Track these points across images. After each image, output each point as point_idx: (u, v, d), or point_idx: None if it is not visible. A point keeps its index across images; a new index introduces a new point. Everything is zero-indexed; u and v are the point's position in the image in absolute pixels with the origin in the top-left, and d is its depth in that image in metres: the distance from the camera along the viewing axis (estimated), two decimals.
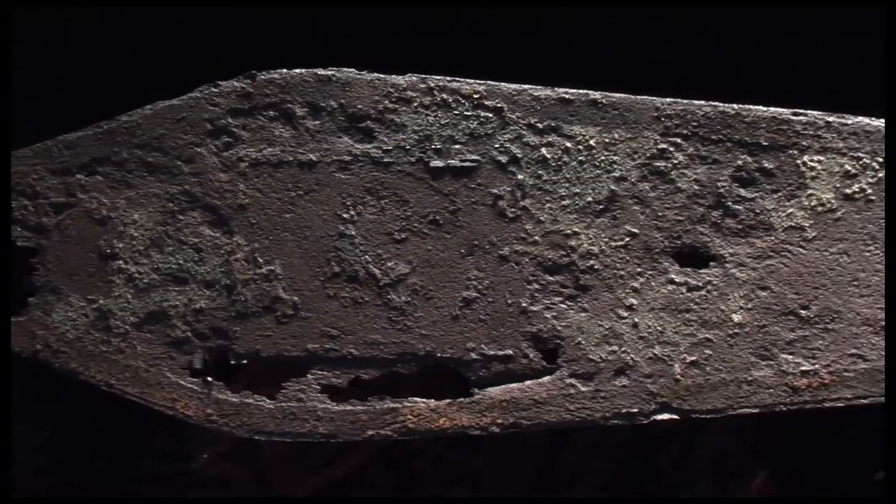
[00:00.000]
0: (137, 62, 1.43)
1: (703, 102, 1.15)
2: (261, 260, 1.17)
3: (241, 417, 1.18)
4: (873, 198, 1.14)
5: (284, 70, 1.17)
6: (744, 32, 1.54)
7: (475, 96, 1.16)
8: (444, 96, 1.16)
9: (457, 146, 1.16)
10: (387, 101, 1.16)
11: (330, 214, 1.17)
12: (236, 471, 1.62)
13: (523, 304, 1.16)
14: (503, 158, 1.16)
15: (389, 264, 1.17)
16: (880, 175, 1.14)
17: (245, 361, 1.17)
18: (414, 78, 1.16)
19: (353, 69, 1.17)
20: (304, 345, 1.17)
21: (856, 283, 1.14)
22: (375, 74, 1.17)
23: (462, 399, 1.17)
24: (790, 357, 1.14)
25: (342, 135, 1.17)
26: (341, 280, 1.17)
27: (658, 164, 1.15)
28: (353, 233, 1.17)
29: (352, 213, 1.17)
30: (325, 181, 1.17)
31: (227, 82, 1.17)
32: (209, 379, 1.17)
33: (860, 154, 1.14)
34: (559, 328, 1.16)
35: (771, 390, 1.14)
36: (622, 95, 1.16)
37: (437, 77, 1.17)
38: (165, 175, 1.17)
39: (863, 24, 1.43)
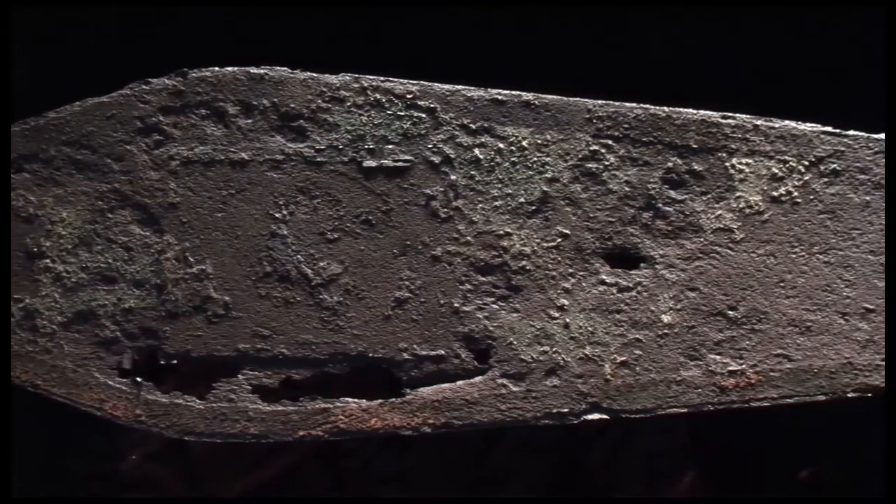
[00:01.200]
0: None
1: (634, 105, 1.20)
2: (192, 259, 1.20)
3: (171, 418, 1.21)
4: (799, 200, 1.20)
5: (216, 68, 1.21)
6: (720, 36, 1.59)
7: (408, 96, 1.20)
8: (378, 96, 1.20)
9: (390, 146, 1.20)
10: (320, 101, 1.20)
11: (262, 214, 1.20)
12: (165, 472, 1.65)
13: (455, 305, 1.20)
14: (436, 159, 1.20)
15: (321, 264, 1.21)
16: (806, 178, 1.19)
17: (175, 361, 1.21)
18: (347, 77, 1.20)
19: (285, 68, 1.21)
20: (235, 345, 1.20)
21: (782, 284, 1.19)
22: (308, 73, 1.20)
23: (394, 399, 1.21)
24: (718, 357, 1.19)
25: (275, 134, 1.20)
26: (273, 280, 1.20)
27: (589, 165, 1.19)
28: (286, 232, 1.20)
29: (284, 212, 1.20)
30: (257, 180, 1.20)
31: (158, 80, 1.20)
32: (138, 379, 1.20)
33: (787, 157, 1.19)
34: (491, 328, 1.20)
35: (699, 390, 1.20)
36: (554, 97, 1.21)
37: (371, 77, 1.21)
38: (94, 173, 1.20)
39: (862, 26, 1.48)
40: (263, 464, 1.69)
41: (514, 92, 1.21)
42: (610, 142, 1.20)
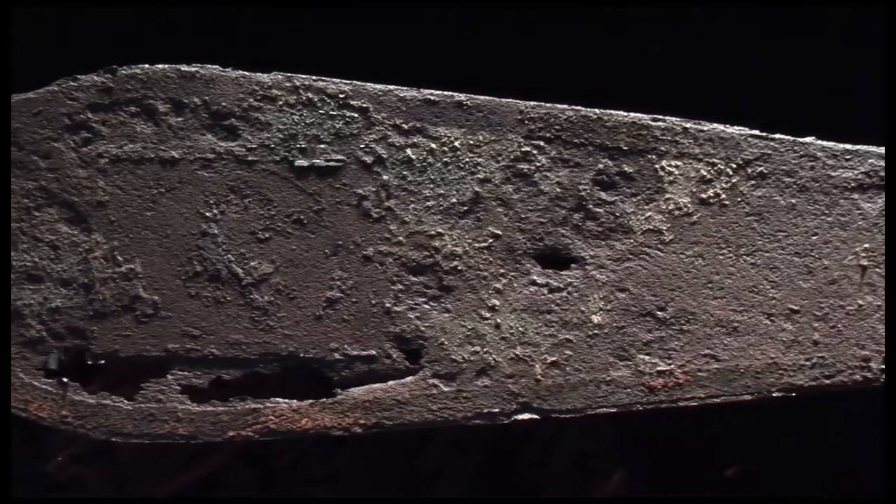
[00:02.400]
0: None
1: (565, 106, 1.25)
2: (120, 258, 1.23)
3: (98, 419, 1.24)
4: (727, 203, 1.25)
5: (146, 65, 1.23)
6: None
7: (341, 96, 1.24)
8: (310, 95, 1.24)
9: (322, 146, 1.23)
10: (251, 99, 1.24)
11: (192, 213, 1.24)
12: (92, 473, 1.68)
13: (387, 305, 1.24)
14: (368, 159, 1.24)
15: (252, 264, 1.24)
16: (734, 181, 1.25)
17: (102, 362, 1.23)
18: (279, 76, 1.24)
19: (217, 66, 1.24)
20: (165, 345, 1.23)
21: (710, 285, 1.25)
22: (240, 72, 1.24)
23: (325, 399, 1.25)
24: (647, 357, 1.25)
25: (205, 132, 1.24)
26: (203, 279, 1.24)
27: (521, 166, 1.24)
28: (216, 231, 1.24)
29: (215, 211, 1.24)
30: (187, 179, 1.23)
31: (87, 76, 1.23)
32: (64, 380, 1.23)
33: (715, 160, 1.25)
34: (422, 329, 1.24)
35: (628, 390, 1.25)
36: (487, 98, 1.25)
37: (303, 76, 1.25)
38: (21, 170, 1.22)
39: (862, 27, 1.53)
40: (193, 464, 1.72)
41: (446, 92, 1.26)
42: (542, 143, 1.25)
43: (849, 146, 1.28)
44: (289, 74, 1.26)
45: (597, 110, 1.27)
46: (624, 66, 1.61)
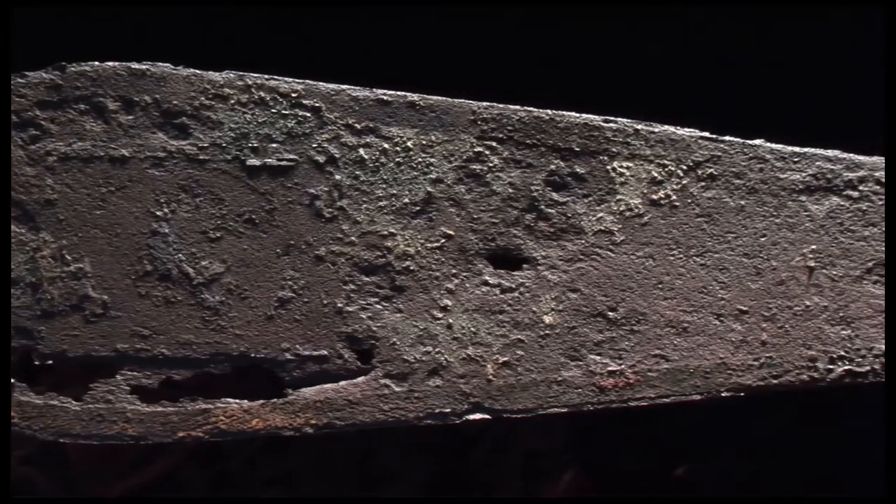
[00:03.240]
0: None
1: (518, 107, 1.29)
2: (69, 257, 1.25)
3: (46, 420, 1.25)
4: (677, 204, 1.29)
5: (96, 62, 1.25)
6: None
7: (293, 95, 1.26)
8: (262, 94, 1.26)
9: (274, 145, 1.26)
10: (203, 98, 1.26)
11: (143, 212, 1.26)
12: (40, 475, 1.69)
13: (339, 305, 1.27)
14: (321, 158, 1.27)
15: (203, 263, 1.26)
16: (685, 182, 1.29)
17: (50, 362, 1.24)
18: (231, 75, 1.26)
19: (168, 64, 1.26)
20: (114, 345, 1.26)
21: (660, 286, 1.29)
22: (192, 70, 1.26)
23: (276, 400, 1.27)
24: (598, 358, 1.28)
25: (156, 131, 1.26)
26: (153, 279, 1.26)
27: (474, 166, 1.27)
28: (167, 231, 1.26)
29: (165, 210, 1.26)
30: (137, 178, 1.26)
31: (35, 73, 1.25)
32: (12, 380, 1.23)
33: (666, 161, 1.29)
34: (374, 329, 1.27)
35: (579, 390, 1.29)
36: (440, 98, 1.29)
37: (255, 75, 1.27)
38: None
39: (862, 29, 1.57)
40: (143, 465, 1.73)
41: (399, 92, 1.29)
42: (494, 143, 1.28)
43: (797, 148, 1.33)
44: (241, 73, 1.29)
45: (549, 111, 1.31)
46: (606, 66, 1.65)
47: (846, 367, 1.36)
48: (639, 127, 1.31)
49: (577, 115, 1.32)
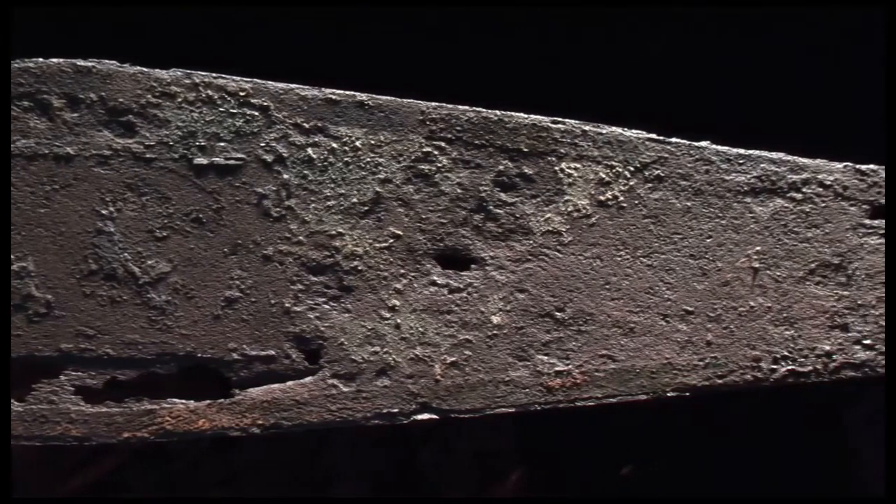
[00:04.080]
0: None
1: (466, 108, 1.32)
2: (12, 256, 1.25)
3: None
4: (625, 205, 1.33)
5: (40, 59, 1.26)
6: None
7: (241, 94, 1.29)
8: (210, 93, 1.29)
9: (222, 144, 1.28)
10: (150, 96, 1.28)
11: (88, 210, 1.28)
12: None
13: (286, 305, 1.30)
14: (269, 157, 1.29)
15: (150, 262, 1.28)
16: (631, 183, 1.33)
17: None
18: (178, 73, 1.28)
19: (114, 61, 1.28)
20: (58, 344, 1.27)
21: (607, 286, 1.33)
22: (138, 67, 1.28)
23: (222, 400, 1.29)
24: (545, 358, 1.32)
25: (102, 128, 1.28)
26: (98, 278, 1.28)
27: (422, 167, 1.31)
28: (112, 229, 1.28)
29: (111, 209, 1.28)
30: (83, 176, 1.27)
31: None
32: None
33: (614, 163, 1.33)
34: (322, 329, 1.30)
35: (527, 390, 1.32)
36: (388, 98, 1.32)
37: (203, 73, 1.30)
38: None
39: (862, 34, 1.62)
40: (87, 466, 1.75)
41: (348, 92, 1.32)
42: (443, 144, 1.32)
43: (742, 150, 1.38)
44: (188, 71, 1.31)
45: (497, 112, 1.34)
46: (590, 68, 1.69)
47: (789, 367, 1.41)
48: (587, 128, 1.35)
49: (526, 115, 1.35)
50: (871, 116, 1.43)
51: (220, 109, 1.33)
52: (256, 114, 1.33)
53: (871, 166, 1.42)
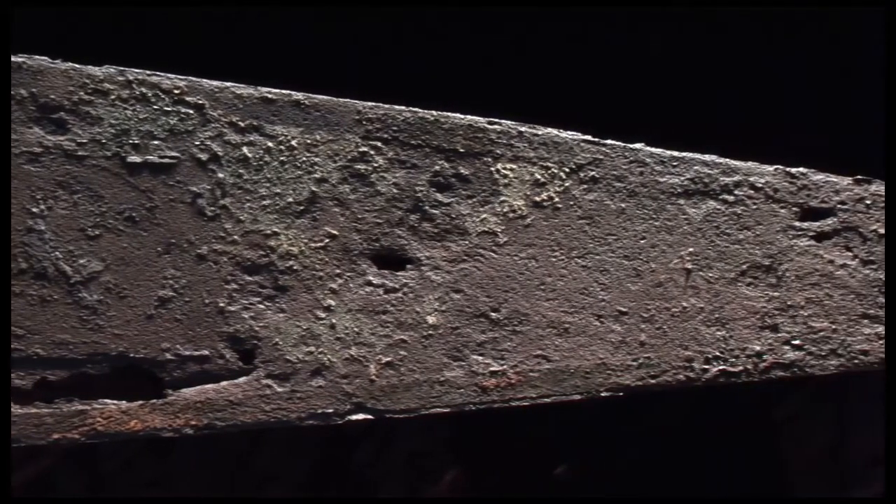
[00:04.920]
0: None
1: (403, 108, 1.36)
2: None
3: None
4: (560, 206, 1.37)
5: None
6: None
7: (176, 92, 1.31)
8: (144, 90, 1.31)
9: (155, 142, 1.31)
10: (82, 93, 1.30)
11: (17, 208, 1.29)
12: None
13: (221, 304, 1.32)
14: (203, 156, 1.32)
15: (81, 261, 1.30)
16: (567, 184, 1.37)
17: None
18: (112, 70, 1.31)
19: (45, 57, 1.29)
20: None
21: (542, 287, 1.37)
22: (70, 64, 1.30)
23: (155, 400, 1.31)
24: (480, 358, 1.36)
25: (33, 125, 1.30)
26: (28, 277, 1.29)
27: (358, 166, 1.34)
28: (43, 228, 1.29)
29: (42, 207, 1.29)
30: (13, 173, 1.28)
31: None
32: None
33: (549, 164, 1.37)
34: (257, 328, 1.33)
35: (462, 390, 1.36)
36: (325, 97, 1.35)
37: (137, 70, 1.32)
38: None
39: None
40: (16, 468, 1.76)
41: (284, 91, 1.35)
42: (379, 144, 1.35)
43: (675, 153, 1.43)
44: (122, 68, 1.33)
45: (434, 112, 1.38)
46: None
47: (720, 367, 1.46)
48: (522, 129, 1.40)
49: (462, 116, 1.39)
50: (870, 120, 1.48)
51: (155, 107, 1.35)
52: (191, 112, 1.36)
53: (801, 169, 1.48)
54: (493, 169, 1.41)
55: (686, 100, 1.49)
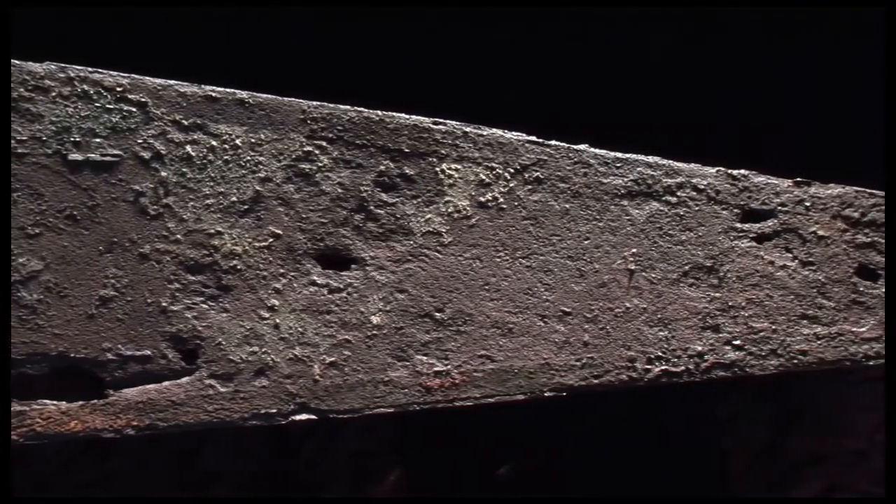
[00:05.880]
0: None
1: (348, 107, 1.39)
2: None
3: None
4: (504, 206, 1.41)
5: None
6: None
7: (118, 89, 1.34)
8: (86, 87, 1.34)
9: (97, 140, 1.33)
10: (22, 89, 1.32)
11: None
12: None
13: (163, 304, 1.35)
14: (146, 154, 1.35)
15: (21, 260, 1.33)
16: (512, 185, 1.42)
17: None
18: (53, 66, 1.33)
19: None
20: None
21: (487, 287, 1.41)
22: (10, 60, 1.30)
23: (96, 401, 1.33)
24: (425, 358, 1.40)
25: None
26: None
27: (303, 166, 1.37)
28: None
29: None
30: None
31: None
32: None
33: (494, 164, 1.41)
34: (200, 328, 1.36)
35: (406, 390, 1.40)
36: (269, 96, 1.39)
37: (78, 67, 1.35)
38: None
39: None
40: None
41: (228, 89, 1.39)
42: (324, 143, 1.39)
43: (619, 154, 1.48)
44: (63, 65, 1.36)
45: (379, 112, 1.42)
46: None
47: (663, 367, 1.51)
48: (468, 129, 1.44)
49: (407, 116, 1.43)
50: (870, 120, 1.53)
51: (97, 105, 1.37)
52: (134, 110, 1.39)
53: (742, 171, 1.54)
54: (438, 169, 1.46)
55: (686, 100, 1.54)
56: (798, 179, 1.56)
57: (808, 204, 1.55)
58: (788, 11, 1.80)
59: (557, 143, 1.48)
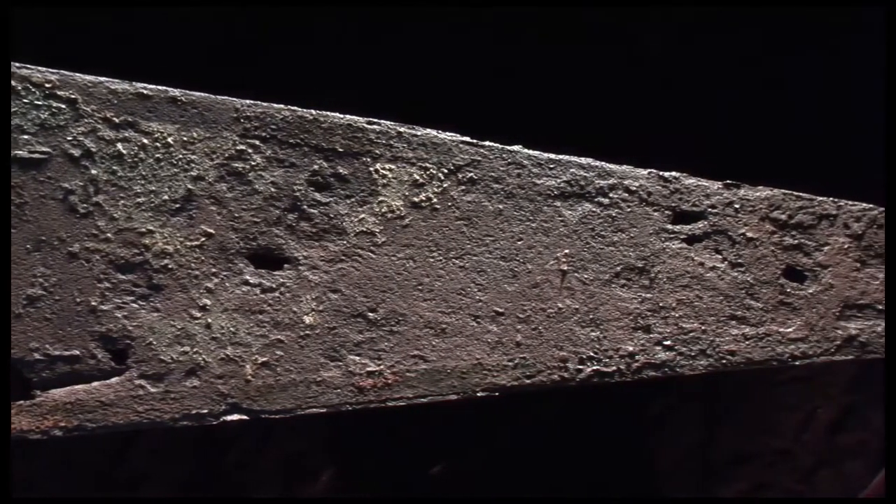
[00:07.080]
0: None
1: (281, 106, 1.44)
2: None
3: None
4: (438, 207, 1.47)
5: None
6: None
7: (47, 85, 1.38)
8: (13, 83, 1.36)
9: (25, 136, 1.37)
10: None
11: None
12: None
13: (93, 303, 1.39)
14: (76, 152, 1.38)
15: None
16: (445, 185, 1.47)
17: None
18: None
19: None
20: None
21: (420, 287, 1.47)
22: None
23: (22, 402, 1.36)
24: (357, 358, 1.45)
25: None
26: None
27: (236, 165, 1.42)
28: None
29: None
30: None
31: None
32: None
33: (428, 165, 1.47)
34: (130, 328, 1.40)
35: (338, 390, 1.45)
36: (202, 94, 1.43)
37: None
38: None
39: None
40: None
41: (160, 87, 1.43)
42: (257, 142, 1.44)
43: (552, 155, 1.54)
44: None
45: (313, 111, 1.47)
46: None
47: (594, 368, 1.58)
48: (402, 129, 1.50)
49: (341, 115, 1.49)
50: (870, 121, 1.60)
51: (25, 101, 1.41)
52: (63, 107, 1.42)
53: (674, 173, 1.61)
54: (371, 169, 1.51)
55: (686, 102, 1.61)
56: (728, 182, 1.63)
57: (737, 206, 1.63)
58: (788, 11, 1.87)
59: (491, 143, 1.54)
